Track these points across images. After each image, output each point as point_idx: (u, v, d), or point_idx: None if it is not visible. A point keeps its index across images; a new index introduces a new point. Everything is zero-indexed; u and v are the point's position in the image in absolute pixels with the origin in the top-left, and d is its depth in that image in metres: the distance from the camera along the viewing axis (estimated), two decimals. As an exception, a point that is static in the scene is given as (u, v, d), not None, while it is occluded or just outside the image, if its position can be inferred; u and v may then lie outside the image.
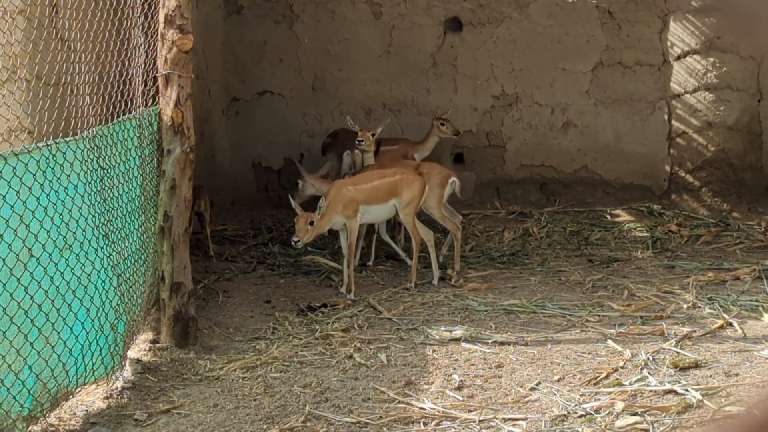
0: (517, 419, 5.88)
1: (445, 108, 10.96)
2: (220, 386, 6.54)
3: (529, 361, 6.83)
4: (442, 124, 10.43)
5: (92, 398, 6.24)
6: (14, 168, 5.24)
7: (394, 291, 8.60)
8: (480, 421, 5.84)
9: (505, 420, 5.86)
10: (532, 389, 6.33)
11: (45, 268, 5.48)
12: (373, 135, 9.45)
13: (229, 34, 11.81)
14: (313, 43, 11.77)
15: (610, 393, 6.19)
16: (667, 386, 6.23)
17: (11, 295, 5.19)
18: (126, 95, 6.97)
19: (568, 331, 7.46)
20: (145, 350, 7.11)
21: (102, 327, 6.10)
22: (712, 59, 11.09)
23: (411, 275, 8.80)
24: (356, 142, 9.41)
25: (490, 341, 7.21)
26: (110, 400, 6.28)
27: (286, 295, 8.63)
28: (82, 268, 5.88)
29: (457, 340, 7.26)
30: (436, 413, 5.97)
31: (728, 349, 6.94)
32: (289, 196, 8.71)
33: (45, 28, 6.38)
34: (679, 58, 11.16)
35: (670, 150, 11.43)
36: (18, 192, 5.26)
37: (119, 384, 6.43)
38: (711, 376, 6.45)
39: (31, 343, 5.36)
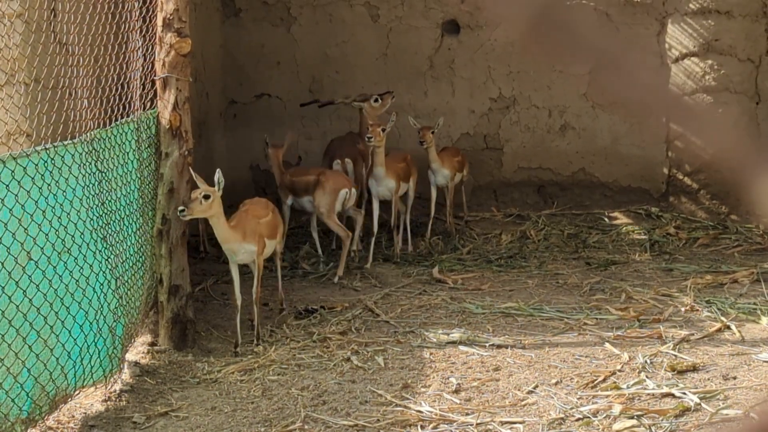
0: (515, 422, 5.89)
1: (442, 111, 10.95)
2: (218, 389, 6.55)
3: (526, 364, 6.84)
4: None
5: (91, 401, 6.25)
6: (13, 171, 5.25)
7: (391, 293, 8.60)
8: (477, 424, 5.85)
9: (502, 423, 5.87)
10: (530, 392, 6.34)
11: (43, 272, 5.48)
12: (383, 131, 9.41)
13: (227, 38, 11.82)
14: (310, 46, 11.78)
15: (607, 396, 6.20)
16: (665, 389, 6.24)
17: (10, 298, 5.19)
18: (124, 98, 6.98)
19: (566, 334, 7.47)
20: (143, 353, 7.11)
21: (100, 330, 6.10)
22: (710, 61, 11.10)
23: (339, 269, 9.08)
24: (366, 138, 9.37)
25: (487, 344, 7.22)
26: (108, 402, 6.28)
27: (284, 297, 8.63)
28: (81, 271, 5.88)
29: (454, 343, 7.27)
30: (434, 416, 5.97)
31: (726, 352, 6.95)
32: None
33: (43, 31, 6.39)
34: (677, 60, 11.17)
35: (668, 153, 11.45)
36: (16, 195, 5.27)
37: (117, 387, 6.44)
38: (709, 379, 6.46)
39: (29, 346, 5.36)
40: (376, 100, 10.36)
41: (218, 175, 7.08)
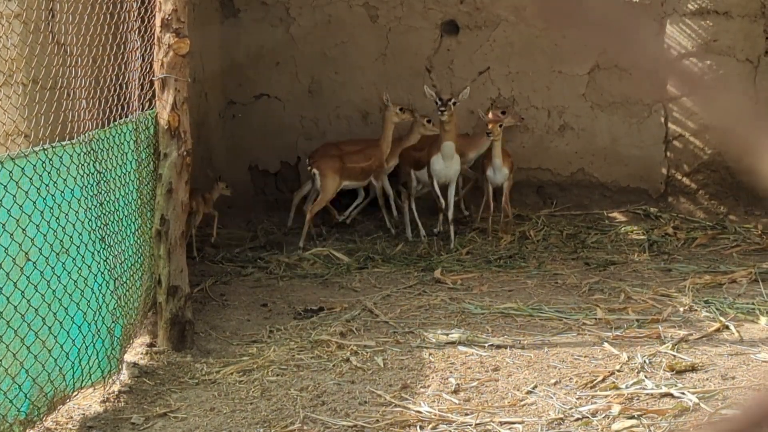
0: (514, 422, 5.88)
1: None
2: (217, 390, 6.55)
3: (525, 364, 6.84)
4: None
5: (89, 402, 6.25)
6: (11, 172, 5.25)
7: (390, 294, 8.60)
8: (476, 424, 5.85)
9: (501, 423, 5.87)
10: (529, 392, 6.33)
11: (42, 272, 5.48)
12: (501, 126, 10.18)
13: (225, 38, 11.82)
14: (309, 46, 11.78)
15: (606, 396, 6.20)
16: (664, 389, 6.24)
17: (8, 299, 5.19)
18: (122, 99, 6.98)
19: (565, 334, 7.46)
20: (141, 354, 7.10)
21: (99, 331, 6.10)
22: (708, 62, 11.11)
23: None
24: (486, 134, 10.14)
25: (486, 344, 7.21)
26: (107, 403, 6.28)
27: (283, 298, 8.62)
28: (79, 271, 5.88)
29: (453, 343, 7.26)
30: (433, 417, 5.97)
31: (725, 352, 6.94)
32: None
33: (41, 32, 6.39)
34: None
35: (667, 153, 11.45)
36: (15, 196, 5.27)
37: (116, 388, 6.43)
38: (707, 379, 6.46)
39: (27, 347, 5.36)
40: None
41: None
